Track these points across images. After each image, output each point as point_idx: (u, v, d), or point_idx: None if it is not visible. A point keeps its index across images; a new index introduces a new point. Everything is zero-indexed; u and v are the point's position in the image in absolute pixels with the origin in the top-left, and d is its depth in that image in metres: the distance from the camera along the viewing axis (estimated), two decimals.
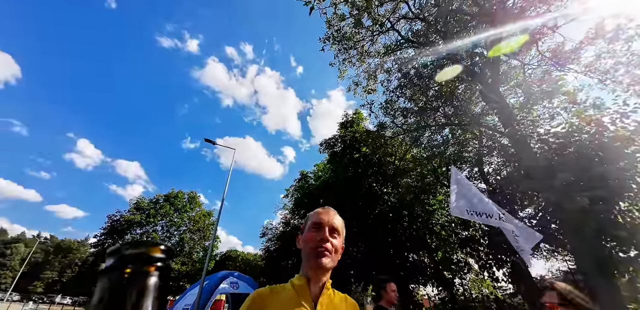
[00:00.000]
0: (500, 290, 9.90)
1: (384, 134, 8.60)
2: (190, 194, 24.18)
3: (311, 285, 0.85)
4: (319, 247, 0.85)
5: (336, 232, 0.91)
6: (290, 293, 0.84)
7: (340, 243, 0.92)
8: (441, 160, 7.94)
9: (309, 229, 0.91)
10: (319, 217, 0.92)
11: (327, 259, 0.84)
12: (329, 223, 0.91)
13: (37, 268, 58.71)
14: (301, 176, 14.75)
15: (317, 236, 0.87)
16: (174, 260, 19.60)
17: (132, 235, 20.19)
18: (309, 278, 0.86)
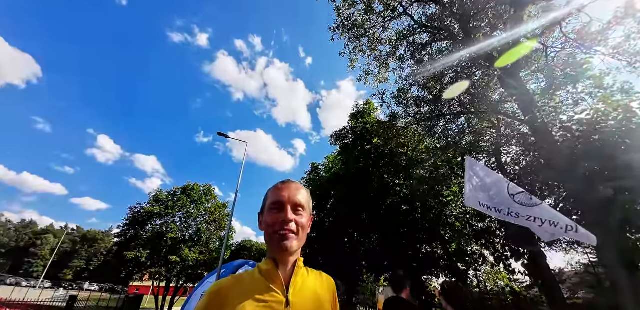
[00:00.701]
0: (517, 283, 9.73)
1: (396, 124, 8.43)
2: (206, 186, 24.74)
3: (280, 267, 0.79)
4: (282, 230, 0.78)
5: (300, 208, 0.83)
6: (258, 279, 0.78)
7: (307, 218, 0.85)
8: (456, 151, 7.73)
9: (269, 209, 0.83)
10: (278, 194, 0.83)
11: (292, 241, 0.78)
12: (290, 200, 0.82)
13: (66, 257, 62.77)
14: (312, 168, 14.81)
15: (279, 217, 0.79)
16: (192, 250, 20.47)
17: (152, 226, 20.88)
18: (277, 260, 0.80)
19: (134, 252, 18.92)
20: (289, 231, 0.78)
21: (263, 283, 0.76)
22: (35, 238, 63.99)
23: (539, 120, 5.92)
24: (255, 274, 0.81)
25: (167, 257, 19.48)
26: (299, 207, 0.82)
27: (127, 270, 19.85)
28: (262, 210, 0.88)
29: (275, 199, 0.82)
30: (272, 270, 0.78)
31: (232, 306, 0.71)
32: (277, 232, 0.78)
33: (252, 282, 0.78)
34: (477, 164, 5.03)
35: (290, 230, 0.78)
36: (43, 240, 62.73)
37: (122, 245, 20.44)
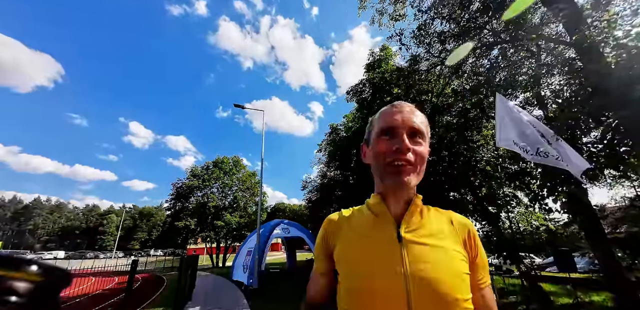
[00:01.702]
0: (553, 222, 9.63)
1: (417, 69, 7.71)
2: (234, 158, 26.63)
3: (391, 204, 0.69)
4: (396, 161, 0.64)
5: (419, 135, 0.68)
6: (367, 213, 0.72)
7: (426, 149, 0.69)
8: (488, 90, 7.06)
9: (379, 136, 0.69)
10: (390, 118, 0.68)
11: (409, 174, 0.64)
12: (406, 124, 0.66)
13: (130, 231, 72.67)
14: (331, 130, 14.64)
15: (392, 144, 0.65)
16: (233, 215, 22.68)
17: (195, 197, 23.47)
18: (385, 195, 0.70)
19: (184, 222, 21.57)
20: (406, 162, 0.64)
21: (372, 218, 0.70)
22: (101, 218, 74.08)
23: (589, 39, 5.06)
24: (364, 209, 0.75)
25: (212, 222, 22.01)
26: (417, 134, 0.68)
27: (181, 237, 22.97)
28: (367, 140, 0.77)
29: (387, 124, 0.68)
30: (379, 205, 0.69)
31: (343, 236, 0.69)
32: (390, 163, 0.65)
33: (362, 216, 0.72)
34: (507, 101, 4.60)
35: (406, 160, 0.64)
36: (108, 219, 72.46)
37: (173, 216, 23.21)
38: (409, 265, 0.58)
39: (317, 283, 0.75)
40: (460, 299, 0.56)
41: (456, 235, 0.66)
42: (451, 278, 0.58)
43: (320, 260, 0.73)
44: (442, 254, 0.61)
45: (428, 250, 0.61)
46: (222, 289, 10.11)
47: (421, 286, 0.56)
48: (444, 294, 0.55)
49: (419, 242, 0.62)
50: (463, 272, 0.60)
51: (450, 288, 0.56)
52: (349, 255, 0.65)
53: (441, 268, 0.58)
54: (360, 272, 0.60)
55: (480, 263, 0.67)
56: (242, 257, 12.52)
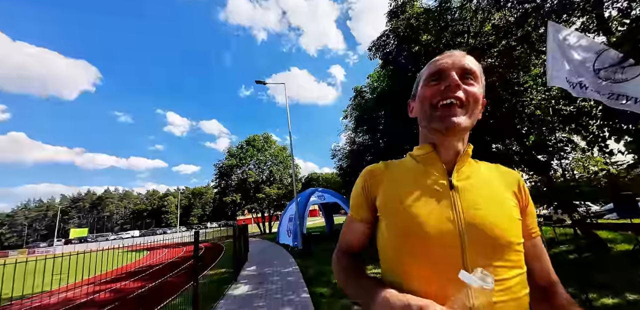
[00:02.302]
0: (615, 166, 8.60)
1: (449, 7, 6.65)
2: (264, 135, 27.78)
3: (441, 152, 0.64)
4: (444, 100, 0.59)
5: (472, 76, 0.61)
6: (413, 164, 0.68)
7: (480, 90, 0.62)
8: (537, 19, 5.95)
9: (427, 83, 0.64)
10: (439, 63, 0.63)
11: (458, 115, 0.58)
12: (456, 65, 0.60)
13: (187, 209, 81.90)
14: (356, 93, 13.85)
15: (442, 86, 0.60)
16: (271, 187, 24.29)
17: (235, 175, 25.47)
18: (436, 144, 0.65)
19: (230, 197, 23.74)
20: (455, 99, 0.58)
21: (419, 167, 0.66)
22: (161, 201, 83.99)
23: None
24: (406, 159, 0.71)
25: (254, 196, 23.95)
26: (468, 74, 0.61)
27: (230, 210, 25.47)
28: (414, 94, 0.71)
29: (436, 68, 0.62)
30: (429, 153, 0.65)
31: (387, 185, 0.66)
32: (437, 105, 0.60)
33: (407, 165, 0.69)
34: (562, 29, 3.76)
35: (456, 97, 0.58)
36: (167, 201, 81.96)
37: (220, 193, 25.69)
38: (462, 211, 0.57)
39: (357, 231, 0.72)
40: (514, 243, 0.56)
41: (507, 184, 0.65)
42: (504, 222, 0.57)
43: (360, 208, 0.70)
44: (494, 200, 0.60)
45: (480, 197, 0.59)
46: (272, 251, 11.19)
47: (475, 230, 0.55)
48: (497, 237, 0.55)
49: (472, 189, 0.60)
50: (516, 217, 0.60)
51: (504, 231, 0.56)
52: (398, 202, 0.61)
53: (494, 213, 0.57)
54: (412, 219, 0.58)
55: (531, 213, 0.65)
56: (285, 223, 13.59)
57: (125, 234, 52.87)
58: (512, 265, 0.55)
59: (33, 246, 45.93)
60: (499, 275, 0.52)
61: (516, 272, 0.55)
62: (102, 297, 6.03)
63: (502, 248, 0.54)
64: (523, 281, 0.56)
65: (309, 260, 8.07)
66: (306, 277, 5.84)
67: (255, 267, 7.79)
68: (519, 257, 0.57)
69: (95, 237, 54.36)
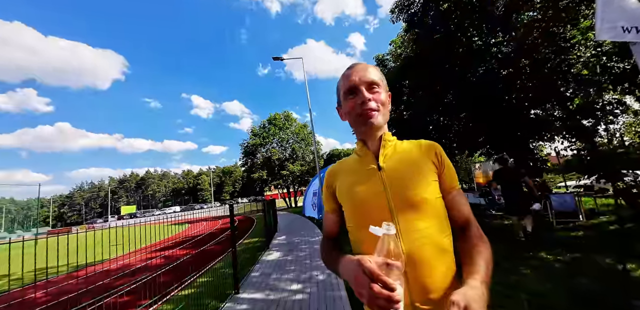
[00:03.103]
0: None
1: None
2: (284, 113, 28.02)
3: (369, 144, 0.84)
4: (363, 111, 0.77)
5: (375, 86, 0.80)
6: (354, 158, 0.88)
7: (386, 95, 0.82)
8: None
9: (346, 98, 0.82)
10: (348, 80, 0.81)
11: (377, 117, 0.78)
12: (362, 81, 0.79)
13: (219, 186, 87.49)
14: (377, 62, 13.01)
15: (357, 100, 0.78)
16: (295, 164, 24.95)
17: (260, 153, 26.34)
18: (365, 140, 0.84)
19: (257, 174, 24.77)
20: (370, 109, 0.77)
21: (357, 159, 0.86)
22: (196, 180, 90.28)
23: None
24: (352, 155, 0.91)
25: (279, 172, 24.90)
26: (373, 85, 0.80)
27: (258, 186, 26.81)
28: (338, 102, 0.89)
29: (347, 86, 0.81)
30: (362, 148, 0.85)
31: (339, 179, 0.86)
32: (360, 115, 0.78)
33: (350, 160, 0.89)
34: None
35: (371, 108, 0.77)
36: (201, 179, 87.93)
37: (248, 171, 26.98)
38: (388, 183, 0.75)
39: (330, 220, 0.91)
40: (429, 198, 0.73)
41: (424, 154, 0.81)
42: (420, 185, 0.74)
43: (327, 201, 0.89)
44: (412, 170, 0.76)
45: (400, 170, 0.77)
46: (299, 223, 11.86)
47: (397, 195, 0.73)
48: (414, 197, 0.72)
49: (394, 166, 0.78)
50: (431, 179, 0.76)
51: (420, 192, 0.73)
52: (346, 188, 0.81)
53: (411, 179, 0.75)
54: (355, 197, 0.77)
55: (448, 173, 0.81)
56: (309, 197, 14.11)
57: (168, 209, 58.87)
58: (429, 216, 0.72)
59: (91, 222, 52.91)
60: (420, 225, 0.70)
61: (433, 221, 0.72)
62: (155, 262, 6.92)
63: (418, 204, 0.71)
64: (442, 227, 0.73)
65: None
66: None
67: (285, 237, 8.36)
68: (435, 210, 0.73)
69: (143, 213, 61.19)
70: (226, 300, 3.42)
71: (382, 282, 0.51)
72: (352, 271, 0.58)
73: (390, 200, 0.72)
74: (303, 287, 3.62)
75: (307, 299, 3.20)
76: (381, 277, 0.51)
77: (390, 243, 0.54)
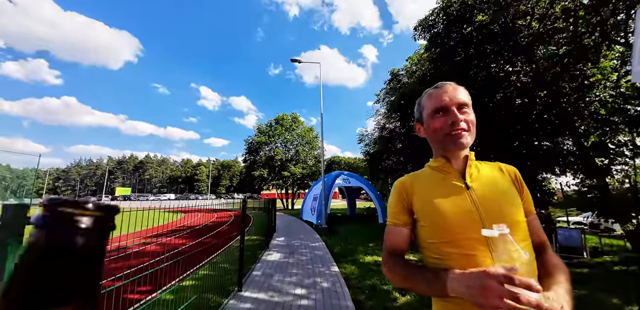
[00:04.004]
0: None
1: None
2: (292, 115, 28.20)
3: (452, 162, 0.84)
4: (454, 131, 0.79)
5: (465, 107, 0.82)
6: (433, 174, 0.86)
7: (473, 115, 0.83)
8: (617, 4, 5.19)
9: (432, 116, 0.83)
10: (439, 100, 0.82)
11: (466, 138, 0.79)
12: (453, 101, 0.80)
13: (216, 179, 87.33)
14: (391, 76, 13.13)
15: (447, 120, 0.80)
16: (296, 166, 24.98)
17: (263, 151, 26.41)
18: (448, 157, 0.85)
19: (258, 172, 24.77)
20: (462, 130, 0.79)
21: (439, 175, 0.85)
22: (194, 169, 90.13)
23: None
24: (426, 171, 0.90)
25: (280, 172, 24.91)
26: (464, 106, 0.82)
27: (257, 184, 26.83)
28: (419, 119, 0.90)
29: (438, 105, 0.82)
30: (444, 165, 0.85)
31: (418, 193, 0.84)
32: (449, 134, 0.80)
33: (429, 175, 0.87)
34: None
35: (462, 129, 0.79)
36: (199, 170, 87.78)
37: (248, 167, 26.94)
38: (479, 204, 0.76)
39: (401, 233, 0.85)
40: (520, 221, 0.75)
41: (507, 177, 0.84)
42: (510, 207, 0.76)
43: (400, 214, 0.86)
44: (500, 192, 0.79)
45: (489, 191, 0.78)
46: (297, 226, 11.88)
47: (489, 216, 0.73)
48: (508, 219, 0.72)
49: (482, 186, 0.79)
50: (518, 202, 0.79)
51: (511, 214, 0.75)
52: (431, 205, 0.79)
53: (502, 201, 0.77)
54: (444, 215, 0.76)
55: (527, 196, 0.84)
56: (309, 201, 14.15)
57: (163, 196, 58.86)
58: (521, 239, 0.73)
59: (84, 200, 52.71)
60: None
61: (525, 244, 0.74)
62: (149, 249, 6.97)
63: (512, 226, 0.68)
64: (531, 250, 0.75)
65: (333, 238, 8.51)
66: (333, 253, 6.23)
67: (284, 239, 8.41)
68: (525, 232, 0.76)
69: (137, 196, 61.14)
70: (229, 297, 3.49)
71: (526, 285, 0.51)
72: (478, 284, 0.57)
73: (484, 220, 0.73)
74: (307, 292, 3.66)
75: (313, 305, 3.23)
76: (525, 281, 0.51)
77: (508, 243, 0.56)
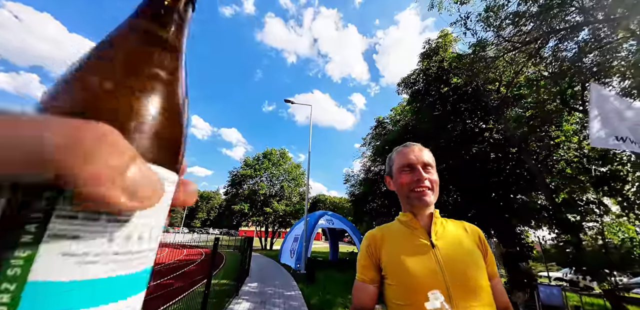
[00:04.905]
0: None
1: (484, 56, 6.87)
2: (281, 150, 28.39)
3: (419, 218, 0.88)
4: (418, 188, 0.85)
5: (429, 167, 0.89)
6: (401, 228, 0.89)
7: (436, 176, 0.90)
8: (573, 78, 6.02)
9: (400, 171, 0.90)
10: (406, 157, 0.89)
11: (429, 196, 0.85)
12: (419, 161, 0.88)
13: (193, 211, 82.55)
14: (377, 123, 14.06)
15: (413, 177, 0.86)
16: (280, 203, 24.20)
17: (247, 185, 25.76)
18: (414, 213, 0.88)
19: (239, 206, 23.72)
20: (426, 188, 0.85)
21: (407, 231, 0.88)
22: None
23: None
24: (395, 224, 0.93)
25: (262, 208, 23.88)
26: (428, 166, 0.89)
27: (235, 219, 25.38)
28: (389, 172, 0.96)
29: (406, 162, 0.89)
30: (412, 220, 0.88)
31: (386, 248, 0.86)
32: (414, 190, 0.85)
33: (398, 230, 0.90)
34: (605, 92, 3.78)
35: (426, 186, 0.85)
36: None
37: (229, 200, 25.89)
38: (444, 265, 0.77)
39: (367, 290, 0.85)
40: (484, 285, 0.76)
41: (471, 237, 0.86)
42: (475, 270, 0.77)
43: (368, 270, 0.87)
44: (465, 253, 0.80)
45: (455, 252, 0.80)
46: (273, 269, 10.93)
47: (454, 278, 0.74)
48: (472, 282, 0.74)
49: (447, 246, 0.81)
50: (482, 265, 0.80)
51: (476, 277, 0.75)
52: (397, 263, 0.81)
53: (467, 263, 0.77)
54: (410, 275, 0.77)
55: (490, 259, 0.86)
56: (289, 242, 13.27)
57: None
58: (485, 304, 0.73)
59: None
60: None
61: (490, 309, 0.74)
62: None
63: (476, 290, 0.73)
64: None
65: (312, 286, 7.79)
66: (310, 305, 5.65)
67: (257, 284, 7.62)
68: (489, 296, 0.76)
69: None
70: None
71: None
72: None
73: (448, 281, 0.73)
74: None
75: None
76: None
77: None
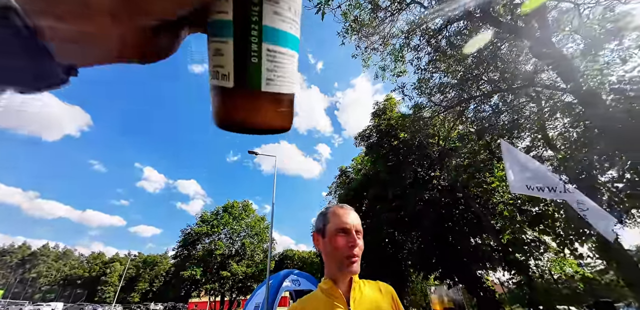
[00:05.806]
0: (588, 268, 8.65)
1: (421, 116, 8.14)
2: (244, 202, 26.59)
3: (339, 285, 0.88)
4: (353, 256, 0.86)
5: (359, 233, 0.91)
6: (322, 298, 0.89)
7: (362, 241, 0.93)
8: (494, 133, 7.27)
9: (336, 233, 0.90)
10: (343, 221, 0.91)
11: (358, 265, 0.87)
12: (354, 226, 0.90)
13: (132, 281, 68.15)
14: (341, 172, 14.77)
15: (348, 242, 0.87)
16: (240, 264, 21.36)
17: (202, 244, 22.73)
18: (335, 279, 0.89)
19: (189, 271, 20.34)
20: (357, 256, 0.86)
21: (327, 301, 0.87)
22: (105, 267, 70.38)
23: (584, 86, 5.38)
24: (318, 293, 0.93)
25: (218, 272, 20.77)
26: (358, 233, 0.91)
27: (185, 288, 21.43)
28: (322, 231, 0.95)
29: (342, 225, 0.90)
30: (332, 288, 0.88)
31: None
32: (348, 257, 0.86)
33: (318, 300, 0.90)
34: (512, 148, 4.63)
35: (357, 255, 0.86)
36: (111, 268, 68.65)
37: (179, 265, 22.36)
38: None
39: None
40: None
41: (386, 299, 0.90)
42: None
43: None
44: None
45: None
46: None
47: None
48: None
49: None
50: None
51: None
52: None
53: None
54: None
55: None
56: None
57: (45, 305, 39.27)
58: None
59: None
60: None
61: None
62: None
63: None
64: None
65: None
66: None
67: None
68: None
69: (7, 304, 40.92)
70: None
71: None
72: None
73: None
74: None
75: None
76: None
77: None
